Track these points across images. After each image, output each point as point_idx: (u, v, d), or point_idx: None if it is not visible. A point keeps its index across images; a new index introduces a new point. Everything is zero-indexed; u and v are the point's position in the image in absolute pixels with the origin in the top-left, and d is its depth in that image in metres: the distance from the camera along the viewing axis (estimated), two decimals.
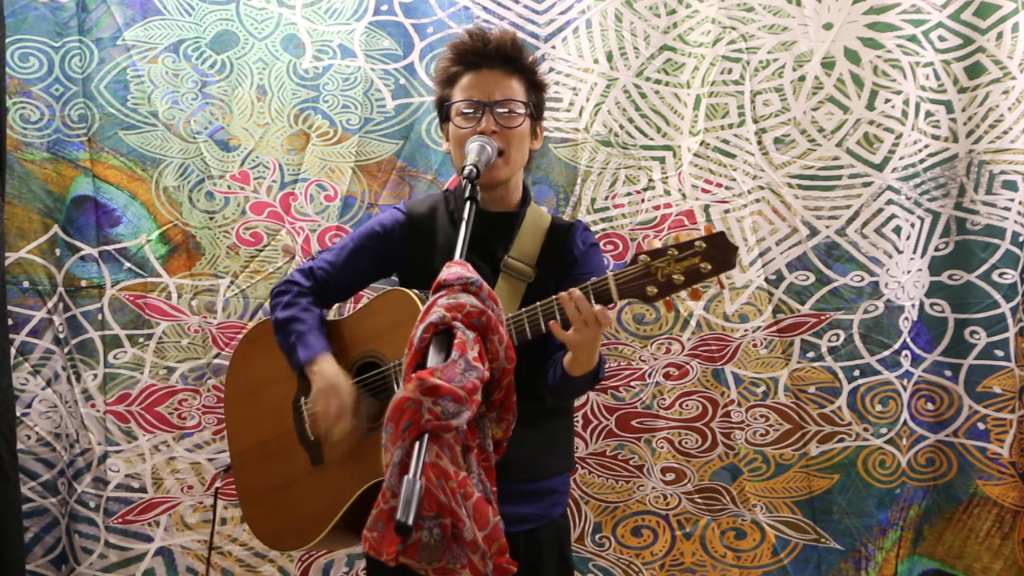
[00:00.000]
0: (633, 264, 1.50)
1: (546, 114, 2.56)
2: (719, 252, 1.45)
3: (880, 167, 2.53)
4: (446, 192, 1.98)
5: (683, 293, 1.49)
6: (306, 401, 1.89)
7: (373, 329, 1.84)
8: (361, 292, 2.12)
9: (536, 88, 1.88)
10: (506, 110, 1.80)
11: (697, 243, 1.46)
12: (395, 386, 1.74)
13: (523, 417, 1.63)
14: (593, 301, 1.54)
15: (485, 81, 1.82)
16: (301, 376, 1.85)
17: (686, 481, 2.60)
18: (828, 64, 2.53)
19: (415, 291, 1.74)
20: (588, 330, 1.55)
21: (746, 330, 2.57)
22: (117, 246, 2.59)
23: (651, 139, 2.59)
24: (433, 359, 1.37)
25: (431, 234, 1.89)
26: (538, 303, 1.61)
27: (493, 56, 1.82)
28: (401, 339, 1.60)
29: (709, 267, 1.45)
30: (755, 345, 2.57)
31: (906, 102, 2.52)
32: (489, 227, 1.83)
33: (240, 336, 2.58)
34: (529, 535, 1.79)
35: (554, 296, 1.58)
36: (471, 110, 1.81)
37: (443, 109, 1.88)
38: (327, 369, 1.80)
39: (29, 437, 2.59)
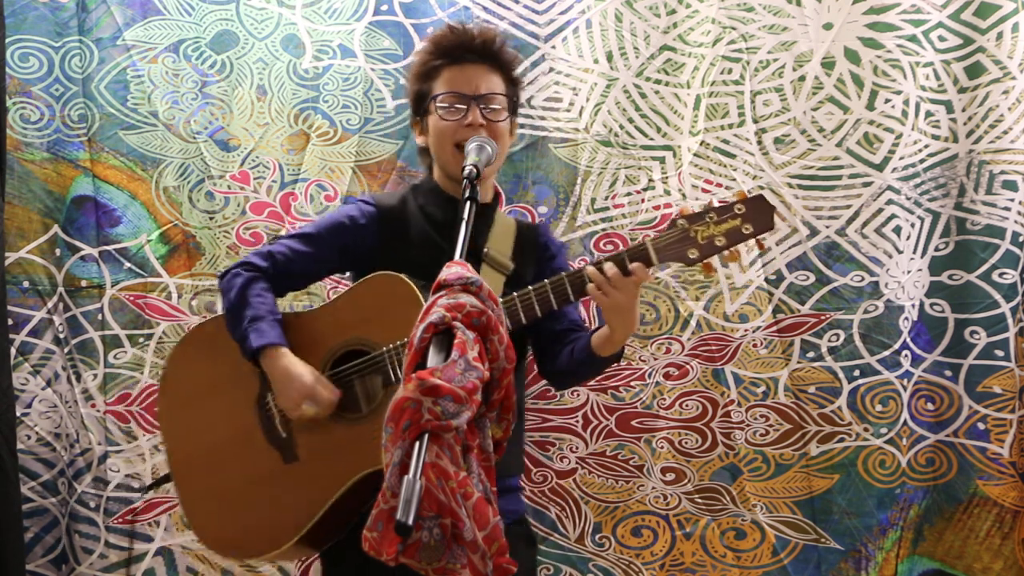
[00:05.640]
0: (671, 228, 1.56)
1: (546, 114, 2.59)
2: (759, 213, 1.53)
3: (880, 167, 2.53)
4: (413, 186, 1.99)
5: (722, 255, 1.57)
6: (274, 397, 1.83)
7: (358, 315, 1.79)
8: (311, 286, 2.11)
9: (514, 84, 1.90)
10: (491, 104, 1.82)
11: (737, 206, 1.53)
12: (391, 370, 1.72)
13: None
14: (628, 265, 1.60)
15: (469, 75, 1.83)
16: (255, 365, 1.79)
17: (686, 481, 2.60)
18: (828, 64, 2.53)
19: (405, 275, 1.72)
20: (619, 293, 1.60)
21: (746, 330, 2.57)
22: (117, 246, 2.59)
23: (651, 139, 2.59)
24: (433, 359, 1.37)
25: (403, 227, 1.89)
26: (564, 273, 1.66)
27: (478, 50, 1.84)
28: (391, 323, 1.58)
29: (751, 228, 1.53)
30: (755, 345, 2.57)
31: (906, 102, 2.52)
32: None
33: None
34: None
35: (582, 267, 1.64)
36: (456, 104, 1.81)
37: (420, 103, 1.88)
38: (279, 357, 1.76)
39: (29, 437, 2.59)
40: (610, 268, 1.60)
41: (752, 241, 1.58)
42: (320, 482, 1.75)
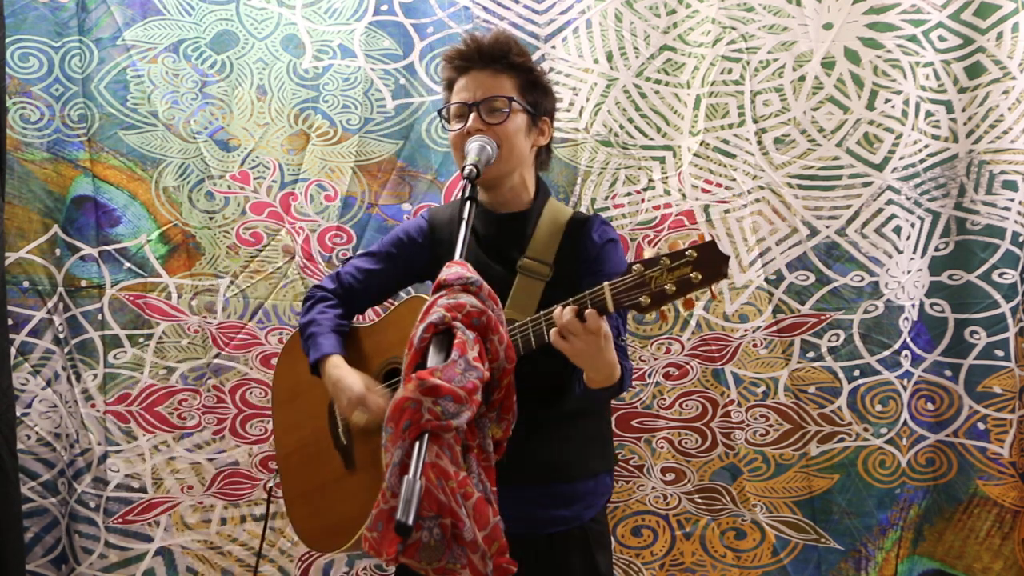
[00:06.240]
0: (627, 273, 1.49)
1: None
2: (710, 262, 1.44)
3: (880, 167, 2.53)
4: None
5: (677, 302, 1.48)
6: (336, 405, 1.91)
7: (397, 335, 1.84)
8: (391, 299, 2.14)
9: (533, 85, 1.87)
10: (490, 108, 1.81)
11: (688, 252, 1.44)
12: None
13: (548, 419, 1.61)
14: (588, 310, 1.51)
15: (470, 83, 1.83)
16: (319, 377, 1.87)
17: (686, 481, 2.60)
18: (828, 64, 2.53)
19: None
20: (578, 340, 1.51)
21: (746, 330, 2.57)
22: (117, 246, 2.59)
23: (651, 139, 2.59)
24: (433, 359, 1.37)
25: (448, 241, 1.90)
26: (541, 313, 1.60)
27: (477, 58, 1.84)
28: None
29: (700, 277, 1.43)
30: (755, 345, 2.57)
31: (906, 102, 2.52)
32: (500, 229, 1.84)
33: (239, 334, 2.60)
34: (558, 535, 1.78)
35: (553, 307, 1.56)
36: (459, 113, 1.83)
37: (444, 115, 1.90)
38: (332, 368, 1.82)
39: (29, 437, 2.59)
40: (566, 314, 1.51)
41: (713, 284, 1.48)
42: (369, 491, 1.77)
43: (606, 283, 1.51)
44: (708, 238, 1.43)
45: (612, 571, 1.90)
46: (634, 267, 1.48)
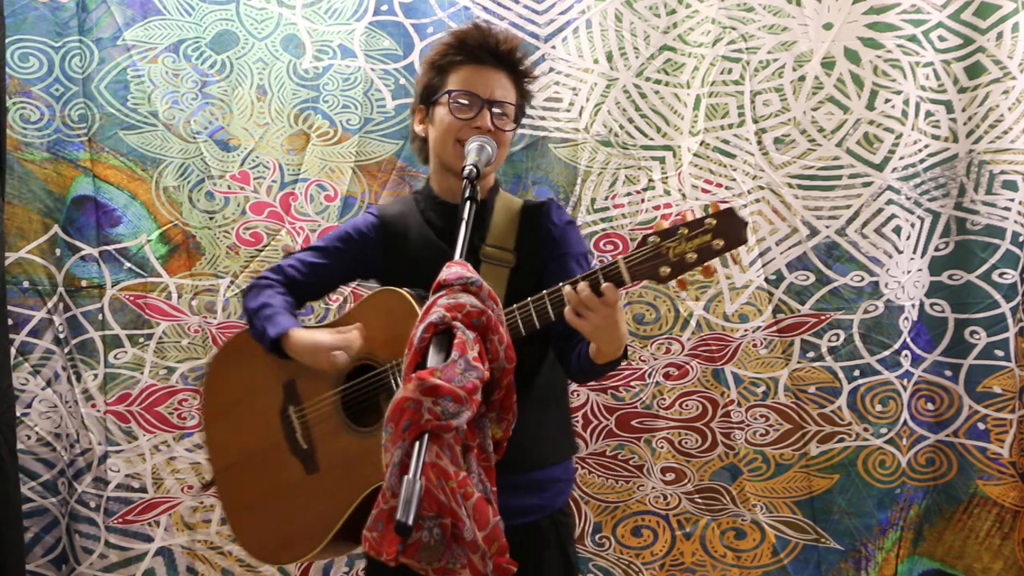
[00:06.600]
0: (643, 245, 1.48)
1: (546, 114, 2.59)
2: (730, 228, 1.44)
3: (880, 167, 2.53)
4: (415, 194, 1.98)
5: (695, 271, 1.48)
6: (295, 410, 1.87)
7: (365, 331, 1.81)
8: (333, 294, 2.11)
9: (524, 96, 1.89)
10: (501, 111, 1.80)
11: (707, 221, 1.44)
12: (394, 385, 1.73)
13: (521, 407, 1.61)
14: (604, 284, 1.51)
15: (487, 77, 1.81)
16: (277, 354, 1.81)
17: (686, 481, 2.60)
18: (828, 64, 2.53)
19: (407, 289, 1.73)
20: (595, 315, 1.51)
21: (746, 330, 2.57)
22: (117, 246, 2.59)
23: (651, 139, 2.59)
24: (433, 359, 1.37)
25: (403, 235, 1.89)
26: (545, 292, 1.59)
27: (499, 56, 1.82)
28: (393, 339, 1.59)
29: (721, 243, 1.43)
30: (755, 345, 2.57)
31: (906, 102, 2.52)
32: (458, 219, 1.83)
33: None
34: (529, 527, 1.79)
35: (560, 284, 1.56)
36: (468, 102, 1.80)
37: (429, 93, 1.86)
38: (302, 337, 1.77)
39: (29, 437, 2.59)
40: (583, 289, 1.51)
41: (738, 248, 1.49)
42: (339, 493, 1.76)
43: (620, 257, 1.51)
44: (723, 206, 1.43)
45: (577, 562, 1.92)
46: (650, 239, 1.48)
